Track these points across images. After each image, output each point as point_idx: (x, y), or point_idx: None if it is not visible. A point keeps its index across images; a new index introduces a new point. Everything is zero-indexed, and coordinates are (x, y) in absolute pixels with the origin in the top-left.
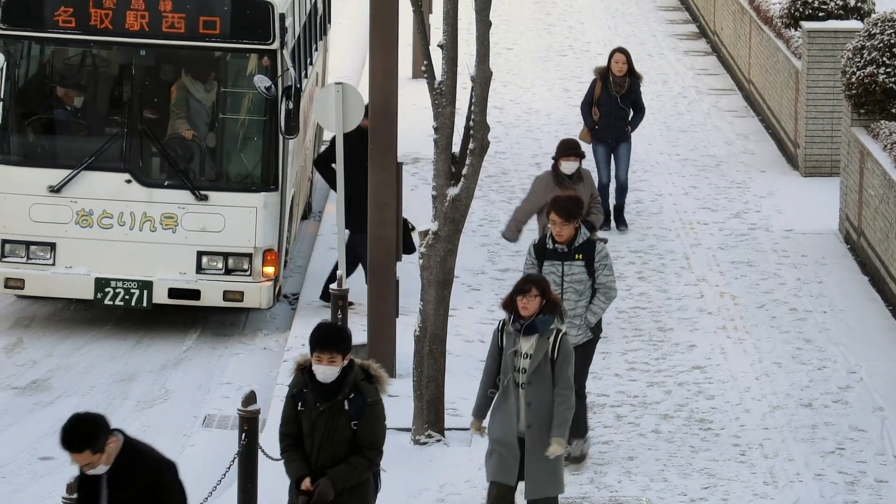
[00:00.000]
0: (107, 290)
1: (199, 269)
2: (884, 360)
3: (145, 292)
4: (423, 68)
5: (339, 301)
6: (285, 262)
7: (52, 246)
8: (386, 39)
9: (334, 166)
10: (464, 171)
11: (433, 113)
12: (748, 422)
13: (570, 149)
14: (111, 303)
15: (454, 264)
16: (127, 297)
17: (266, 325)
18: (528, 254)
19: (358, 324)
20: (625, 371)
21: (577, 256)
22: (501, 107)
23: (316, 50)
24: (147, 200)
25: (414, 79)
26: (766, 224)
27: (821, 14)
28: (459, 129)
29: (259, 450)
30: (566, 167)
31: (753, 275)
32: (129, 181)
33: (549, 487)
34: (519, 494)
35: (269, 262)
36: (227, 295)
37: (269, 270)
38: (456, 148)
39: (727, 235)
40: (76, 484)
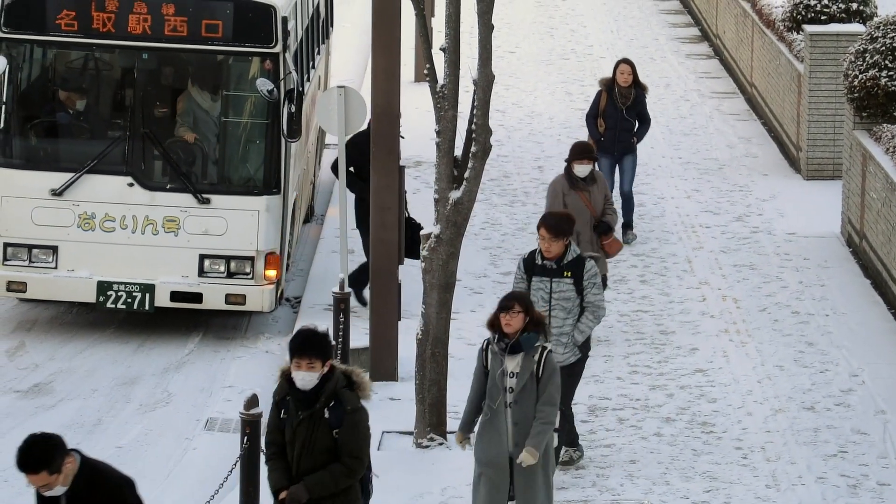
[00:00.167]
0: (109, 293)
1: (202, 272)
2: (886, 364)
3: (147, 295)
4: (425, 72)
5: (341, 304)
6: (287, 265)
7: (54, 249)
8: (388, 43)
9: (352, 170)
10: (466, 175)
11: (435, 116)
12: (750, 425)
13: (583, 152)
14: (113, 306)
15: (456, 267)
16: (129, 300)
17: (268, 328)
18: (517, 268)
19: (360, 327)
20: (627, 374)
21: (566, 274)
22: (504, 110)
23: (318, 53)
24: (149, 204)
25: (416, 82)
26: (769, 227)
27: (823, 17)
28: (462, 132)
29: (261, 453)
30: (579, 170)
31: (756, 278)
32: (131, 184)
33: None
34: None
35: (272, 265)
36: (229, 298)
37: (272, 274)
38: (458, 151)
39: (729, 239)
40: None
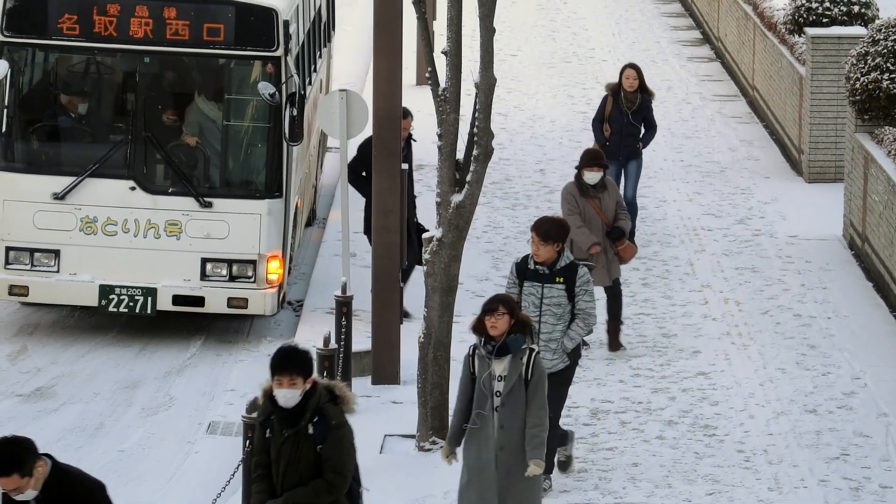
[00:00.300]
0: (111, 296)
1: (204, 275)
2: (888, 366)
3: (149, 299)
4: (426, 75)
5: (343, 307)
6: (289, 268)
7: (56, 253)
8: (390, 46)
9: (365, 175)
10: (468, 178)
11: (437, 119)
12: (752, 428)
13: (594, 159)
14: (115, 310)
15: (458, 271)
16: (131, 304)
17: (270, 331)
18: (510, 272)
19: (362, 330)
20: (629, 377)
21: (557, 279)
22: (505, 113)
23: (320, 57)
24: (151, 207)
25: (418, 85)
26: (771, 230)
27: (825, 20)
28: (463, 135)
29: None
30: (589, 177)
31: (758, 281)
32: (133, 188)
33: None
34: None
35: (274, 268)
36: (231, 302)
37: (274, 277)
38: (460, 154)
39: (731, 241)
40: None
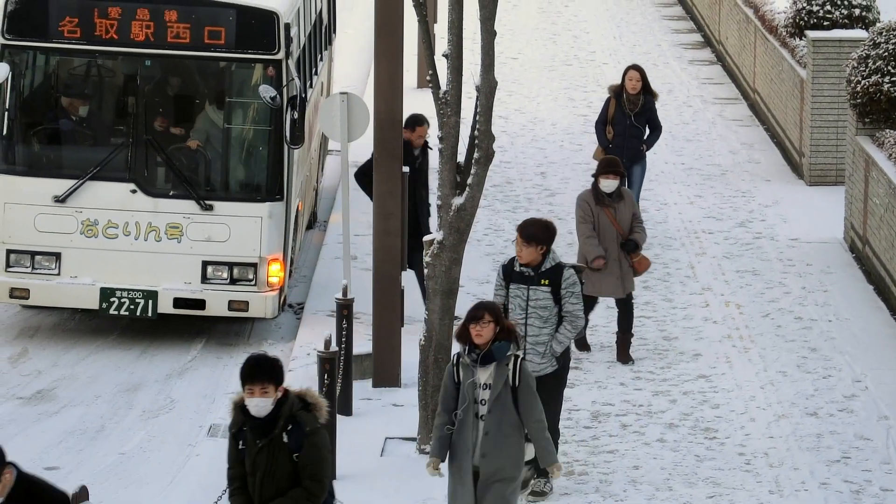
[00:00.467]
0: (112, 299)
1: (205, 278)
2: (889, 369)
3: (150, 302)
4: (428, 78)
5: (344, 310)
6: (290, 271)
7: (57, 256)
8: (391, 49)
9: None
10: (469, 181)
11: (438, 122)
12: (753, 431)
13: (610, 166)
14: (116, 312)
15: (459, 273)
16: (132, 306)
17: (271, 334)
18: (497, 274)
19: (363, 333)
20: (630, 380)
21: (543, 282)
22: (506, 116)
23: (321, 60)
24: (152, 210)
25: (419, 88)
26: (772, 233)
27: (826, 23)
28: (464, 138)
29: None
30: (606, 185)
31: (758, 284)
32: (134, 191)
33: None
34: None
35: (275, 271)
36: (232, 305)
37: (275, 280)
38: (461, 157)
39: (732, 244)
40: None
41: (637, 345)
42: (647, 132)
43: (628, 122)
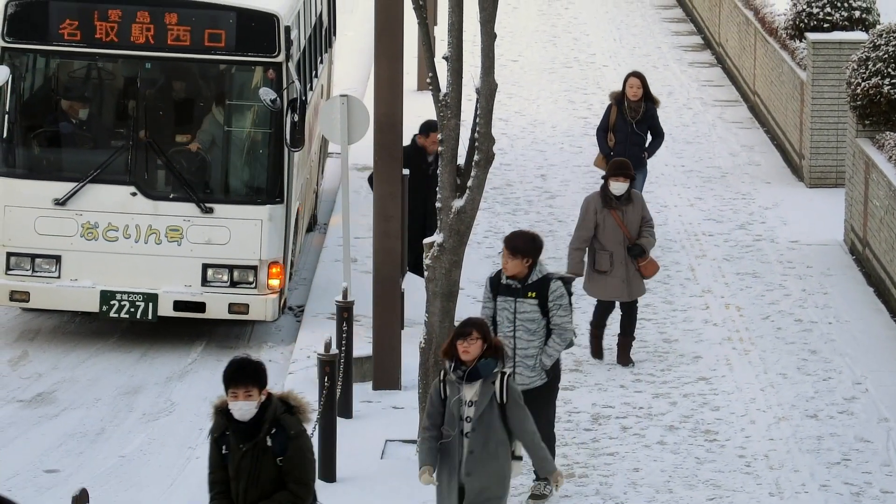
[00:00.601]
0: (112, 302)
1: (205, 281)
2: (889, 371)
3: (150, 305)
4: (428, 80)
5: (344, 313)
6: (291, 274)
7: (57, 259)
8: (391, 51)
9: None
10: (469, 183)
11: (438, 125)
12: (753, 433)
13: (620, 168)
14: (116, 315)
15: (459, 276)
16: (132, 309)
17: (271, 337)
18: (485, 287)
19: (363, 336)
20: (630, 382)
21: (529, 294)
22: (506, 119)
23: (321, 62)
24: (152, 213)
25: (419, 91)
26: (772, 235)
27: (826, 25)
28: (464, 140)
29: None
30: (615, 188)
31: (759, 286)
32: (134, 194)
33: None
34: None
35: (275, 274)
36: (232, 307)
37: (275, 283)
38: (461, 160)
39: (732, 247)
40: None
41: (637, 347)
42: (648, 139)
43: (630, 130)
